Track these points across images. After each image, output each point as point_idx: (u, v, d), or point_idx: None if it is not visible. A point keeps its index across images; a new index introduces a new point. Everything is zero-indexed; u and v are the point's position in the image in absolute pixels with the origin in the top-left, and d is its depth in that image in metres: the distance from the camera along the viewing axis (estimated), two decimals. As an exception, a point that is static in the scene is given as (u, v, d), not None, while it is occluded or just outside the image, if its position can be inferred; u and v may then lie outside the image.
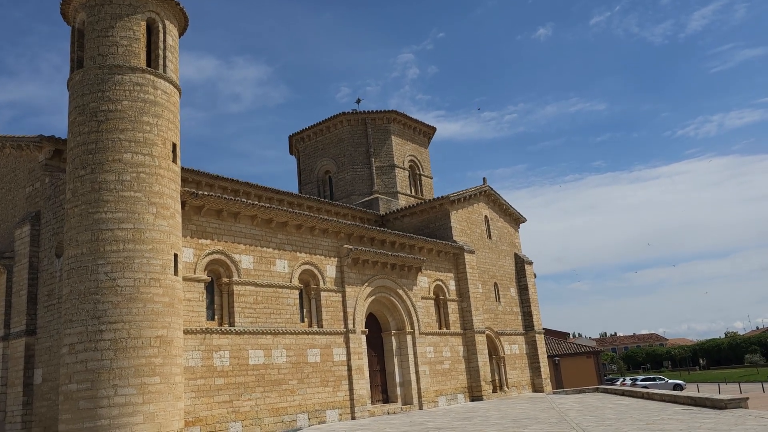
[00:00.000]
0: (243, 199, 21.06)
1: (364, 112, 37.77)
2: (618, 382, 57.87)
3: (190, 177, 24.99)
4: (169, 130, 18.75)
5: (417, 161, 39.12)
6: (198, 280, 19.38)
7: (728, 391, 42.12)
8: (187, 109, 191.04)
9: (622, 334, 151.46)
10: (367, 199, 35.89)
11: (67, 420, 15.92)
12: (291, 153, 41.47)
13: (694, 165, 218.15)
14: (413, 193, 38.04)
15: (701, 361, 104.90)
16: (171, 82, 19.15)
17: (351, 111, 37.70)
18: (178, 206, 18.68)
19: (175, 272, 17.89)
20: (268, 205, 21.69)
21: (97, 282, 16.53)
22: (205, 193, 19.69)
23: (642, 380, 55.16)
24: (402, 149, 38.18)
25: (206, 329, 19.14)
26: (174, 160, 18.81)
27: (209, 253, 19.93)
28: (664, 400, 24.69)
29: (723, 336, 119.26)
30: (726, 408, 18.87)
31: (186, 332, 18.52)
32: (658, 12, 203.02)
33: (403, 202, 36.32)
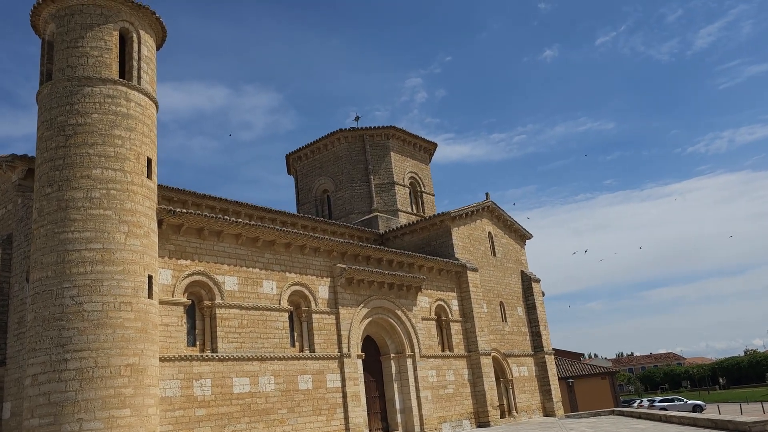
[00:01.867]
0: (226, 217, 19.90)
1: (362, 128, 36.72)
2: (635, 404, 55.70)
3: (175, 196, 23.93)
4: (144, 145, 17.68)
5: (418, 178, 37.92)
6: (176, 304, 18.15)
7: (750, 412, 40.10)
8: (199, 138, 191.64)
9: (638, 354, 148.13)
10: (366, 217, 34.66)
11: (29, 458, 14.62)
12: (289, 173, 40.43)
13: (706, 182, 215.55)
14: (414, 211, 36.77)
15: (721, 380, 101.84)
16: (146, 94, 18.14)
17: (349, 128, 36.64)
18: (154, 225, 17.53)
19: (149, 295, 16.68)
20: (253, 222, 20.49)
21: (62, 307, 15.33)
22: (184, 210, 18.55)
23: (660, 401, 52.95)
24: (402, 166, 37.03)
25: (185, 356, 17.84)
26: (149, 176, 17.72)
27: (189, 275, 18.71)
28: (683, 424, 23.08)
29: (743, 354, 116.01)
30: (751, 432, 17.29)
31: (162, 360, 17.23)
32: (663, 30, 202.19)
33: (404, 220, 35.05)
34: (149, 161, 17.82)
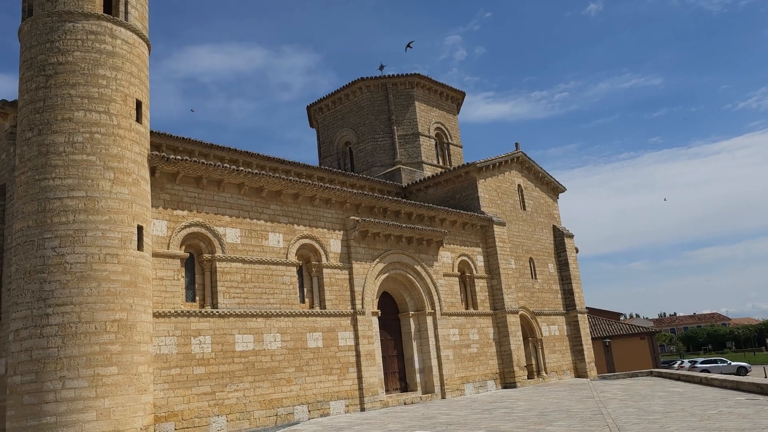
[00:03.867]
0: (225, 165, 18.59)
1: (384, 76, 34.81)
2: (675, 365, 53.74)
3: (181, 146, 22.75)
4: (132, 86, 16.37)
5: (444, 129, 36.00)
6: (172, 257, 17.05)
7: (800, 375, 37.87)
8: (238, 99, 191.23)
9: (681, 314, 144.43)
10: (389, 170, 33.07)
11: (12, 417, 13.84)
12: (311, 125, 38.94)
13: (758, 138, 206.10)
14: (440, 164, 34.98)
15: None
16: (134, 31, 16.76)
17: (371, 77, 34.78)
18: (145, 172, 16.34)
19: (140, 247, 15.58)
20: (256, 171, 19.16)
21: (43, 259, 14.34)
22: (178, 157, 17.29)
23: (702, 362, 50.87)
24: (427, 116, 35.13)
25: (182, 312, 16.81)
26: (138, 120, 16.47)
27: (187, 226, 17.56)
28: (725, 387, 21.29)
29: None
30: (801, 398, 15.47)
31: (157, 315, 16.23)
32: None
33: (429, 172, 33.32)
34: (139, 104, 16.54)
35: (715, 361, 50.94)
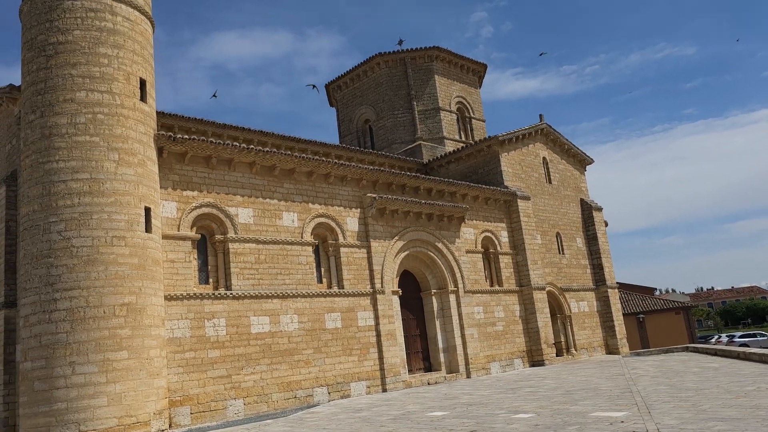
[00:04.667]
0: (236, 143, 18.11)
1: (403, 51, 33.91)
2: (713, 340, 52.32)
3: (193, 127, 22.37)
4: (135, 64, 15.94)
5: (466, 103, 35.03)
6: (183, 238, 16.69)
7: None
8: (266, 84, 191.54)
9: (719, 288, 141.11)
10: (409, 146, 32.32)
11: (24, 403, 13.70)
12: (331, 105, 38.30)
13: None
14: (463, 138, 34.08)
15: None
16: (135, 7, 16.30)
17: (389, 51, 33.94)
18: (151, 152, 15.95)
19: (147, 229, 15.24)
20: (267, 149, 18.65)
21: (49, 243, 14.09)
22: (186, 136, 16.85)
23: (740, 337, 49.36)
24: (448, 90, 34.19)
25: (195, 294, 16.48)
26: (143, 99, 16.05)
27: (197, 207, 17.17)
28: (765, 362, 20.27)
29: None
30: None
31: (169, 298, 15.91)
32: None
33: (450, 148, 32.46)
34: (143, 82, 16.11)
35: (755, 335, 49.42)
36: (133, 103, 15.60)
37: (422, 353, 23.21)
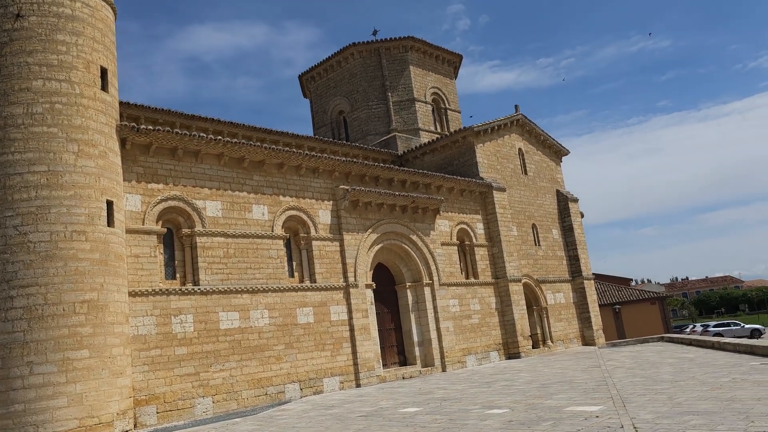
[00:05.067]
0: (202, 134, 17.57)
1: (377, 41, 33.44)
2: (688, 329, 52.84)
3: (161, 118, 21.75)
4: (96, 52, 15.33)
5: (441, 94, 34.69)
6: (148, 232, 16.15)
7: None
8: (243, 77, 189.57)
9: (694, 278, 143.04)
10: (384, 138, 31.94)
11: (-21, 406, 13.09)
12: (305, 96, 37.73)
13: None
14: (438, 130, 33.75)
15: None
16: (95, -7, 15.63)
17: (363, 42, 33.45)
18: (113, 143, 15.37)
19: (110, 223, 14.68)
20: (235, 140, 18.13)
21: (5, 238, 13.47)
22: (150, 127, 16.29)
23: (714, 326, 49.86)
24: (423, 81, 33.82)
25: (161, 290, 15.96)
26: (104, 88, 15.45)
27: (163, 200, 16.64)
28: (739, 352, 20.33)
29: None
30: (819, 362, 14.48)
31: (133, 295, 15.39)
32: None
33: (426, 139, 32.13)
34: (104, 71, 15.51)
35: (728, 324, 49.93)
36: (93, 92, 15.00)
37: (397, 347, 22.92)
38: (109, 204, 14.76)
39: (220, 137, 17.95)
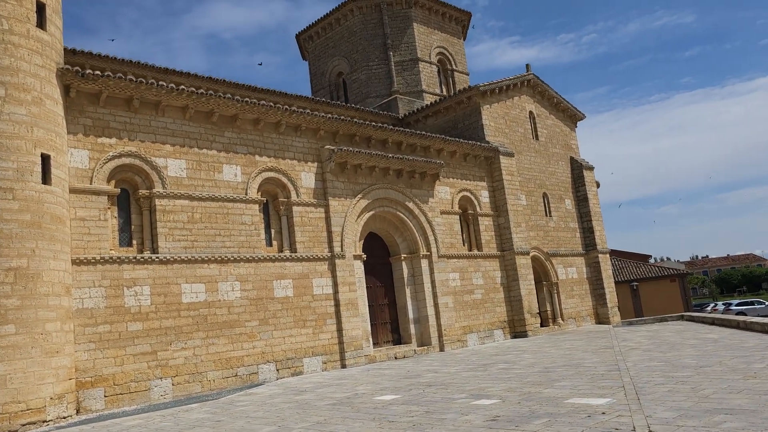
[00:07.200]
0: (164, 83, 15.52)
1: (379, -4, 30.98)
2: (709, 308, 50.38)
3: (130, 71, 19.66)
4: (31, -17, 13.27)
5: (448, 54, 32.26)
6: (97, 192, 14.23)
7: None
8: (262, 54, 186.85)
9: (714, 256, 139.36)
10: (385, 100, 29.69)
11: None
12: (303, 58, 35.45)
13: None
14: (443, 92, 31.40)
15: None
16: None
17: (364, -3, 30.99)
18: (52, 89, 13.38)
19: (45, 180, 12.77)
20: (202, 91, 16.07)
21: None
22: (99, 73, 14.27)
23: (737, 305, 47.39)
24: (428, 39, 31.40)
25: (111, 258, 14.07)
26: (41, 25, 13.43)
27: (116, 156, 14.68)
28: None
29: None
30: None
31: (78, 263, 13.52)
32: None
33: (430, 102, 29.82)
34: (41, 6, 13.49)
35: (752, 303, 47.42)
36: (26, 29, 12.99)
37: (391, 324, 20.96)
38: (45, 158, 12.84)
39: (183, 86, 15.87)
